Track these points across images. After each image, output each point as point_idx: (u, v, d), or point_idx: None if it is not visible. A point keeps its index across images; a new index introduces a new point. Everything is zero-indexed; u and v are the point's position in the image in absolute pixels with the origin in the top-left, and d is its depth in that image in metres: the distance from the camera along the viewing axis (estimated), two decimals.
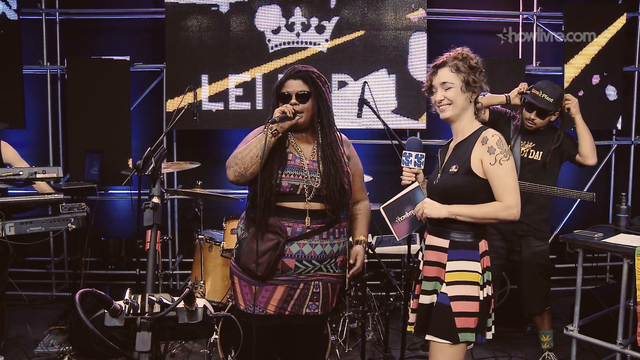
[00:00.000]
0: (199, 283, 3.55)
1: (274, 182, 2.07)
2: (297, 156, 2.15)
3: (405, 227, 2.26)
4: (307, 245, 2.12)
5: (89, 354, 3.30)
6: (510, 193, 2.04)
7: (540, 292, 3.25)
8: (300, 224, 2.10)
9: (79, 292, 1.29)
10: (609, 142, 5.05)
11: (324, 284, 2.19)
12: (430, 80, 2.17)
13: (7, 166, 3.46)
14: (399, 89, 4.70)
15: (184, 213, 4.90)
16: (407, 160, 2.24)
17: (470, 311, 2.05)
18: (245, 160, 2.06)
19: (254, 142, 2.07)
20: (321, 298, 2.19)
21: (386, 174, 4.48)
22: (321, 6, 4.68)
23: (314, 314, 2.19)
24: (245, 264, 2.11)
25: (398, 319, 3.97)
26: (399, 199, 2.24)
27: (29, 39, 4.72)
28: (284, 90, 2.16)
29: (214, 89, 4.71)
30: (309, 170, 2.13)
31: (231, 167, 2.09)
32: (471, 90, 2.12)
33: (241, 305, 2.18)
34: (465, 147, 2.12)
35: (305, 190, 2.10)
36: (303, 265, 2.13)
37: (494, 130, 2.13)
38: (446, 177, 2.13)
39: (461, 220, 2.07)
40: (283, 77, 2.20)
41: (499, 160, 2.04)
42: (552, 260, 4.31)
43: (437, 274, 2.13)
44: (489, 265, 2.15)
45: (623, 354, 2.88)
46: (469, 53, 2.15)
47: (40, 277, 4.94)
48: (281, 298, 2.13)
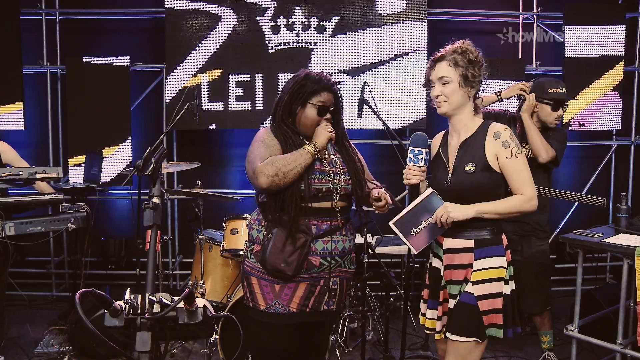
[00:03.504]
0: (199, 283, 3.55)
1: (304, 188, 2.09)
2: (316, 160, 2.17)
3: (423, 238, 2.10)
4: (331, 242, 2.15)
5: (89, 354, 3.30)
6: (528, 185, 2.04)
7: (540, 292, 3.24)
8: (325, 222, 2.14)
9: (79, 292, 1.29)
10: (609, 142, 5.05)
11: (341, 280, 2.23)
12: (429, 74, 2.15)
13: (7, 166, 3.46)
14: (399, 89, 4.70)
15: (184, 213, 4.90)
16: (417, 158, 2.11)
17: (496, 308, 2.03)
18: (289, 175, 2.04)
19: (299, 159, 2.07)
20: (337, 294, 2.23)
21: (386, 174, 4.48)
22: (321, 6, 4.68)
23: (330, 310, 2.23)
24: (274, 264, 2.09)
25: (398, 319, 3.97)
26: (413, 209, 2.09)
27: (29, 39, 4.72)
28: (321, 102, 2.18)
29: (214, 89, 4.71)
30: (332, 172, 2.17)
31: (269, 175, 2.03)
32: (469, 85, 2.08)
33: (261, 306, 2.15)
34: (476, 144, 2.08)
35: (332, 190, 2.14)
36: (327, 262, 2.16)
37: (500, 124, 2.11)
38: (463, 177, 2.07)
39: (487, 217, 2.03)
40: (317, 85, 2.18)
41: (515, 154, 2.03)
42: (552, 260, 4.31)
43: (465, 276, 2.08)
44: (510, 259, 2.12)
45: (623, 354, 2.88)
46: (470, 46, 2.11)
47: (40, 277, 4.93)
48: (303, 295, 2.14)
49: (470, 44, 2.12)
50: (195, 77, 4.68)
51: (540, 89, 3.16)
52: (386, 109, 4.66)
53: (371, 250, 3.63)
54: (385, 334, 3.44)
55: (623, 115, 4.88)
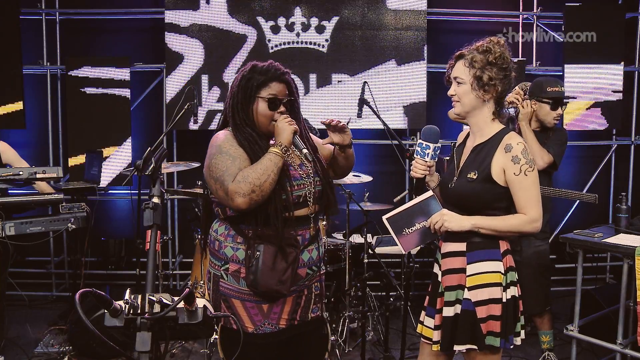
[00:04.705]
0: (199, 283, 3.55)
1: (286, 197, 1.94)
2: (289, 164, 2.02)
3: (414, 240, 2.05)
4: (314, 250, 2.07)
5: (89, 354, 3.29)
6: (533, 205, 1.93)
7: (540, 292, 3.24)
8: (307, 230, 2.04)
9: (79, 292, 1.28)
10: (609, 142, 5.05)
11: (320, 283, 2.17)
12: (449, 72, 2.05)
13: (7, 166, 3.46)
14: (398, 89, 4.70)
15: (184, 213, 4.90)
16: (424, 152, 2.03)
17: (494, 314, 1.95)
18: (264, 187, 1.85)
19: (269, 166, 1.87)
20: (320, 299, 2.16)
21: (386, 174, 4.49)
22: (321, 6, 4.68)
23: (317, 317, 2.16)
24: (269, 286, 1.90)
25: (398, 319, 3.97)
26: (409, 209, 2.03)
27: (29, 39, 4.72)
28: (270, 94, 1.98)
29: (213, 89, 4.71)
30: (305, 175, 2.04)
31: (246, 194, 1.83)
32: (483, 87, 1.94)
33: (249, 328, 1.98)
34: (486, 152, 1.99)
35: (308, 196, 2.02)
36: (312, 270, 2.08)
37: (518, 137, 1.98)
38: (463, 183, 2.00)
39: (483, 233, 1.95)
40: (264, 76, 1.98)
41: (524, 171, 1.91)
42: (552, 260, 4.31)
43: (459, 282, 2.00)
44: (513, 264, 2.03)
45: (623, 354, 2.88)
46: (495, 46, 1.95)
47: (40, 277, 4.93)
48: (291, 309, 2.04)
49: (500, 43, 1.97)
50: (196, 77, 4.67)
51: (538, 88, 3.15)
52: (386, 109, 4.66)
53: (371, 250, 3.63)
54: (385, 334, 3.44)
55: (623, 115, 4.88)
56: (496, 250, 1.99)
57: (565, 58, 4.73)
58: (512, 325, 1.99)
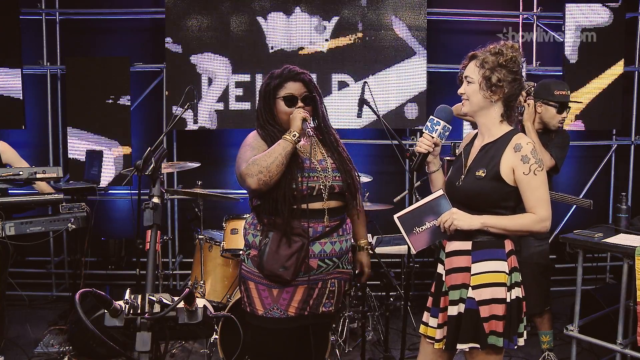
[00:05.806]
0: (199, 283, 3.55)
1: (296, 187, 2.06)
2: (305, 158, 2.14)
3: (424, 239, 2.07)
4: (328, 244, 2.14)
5: (89, 354, 3.30)
6: (542, 205, 1.94)
7: (540, 292, 3.24)
8: (320, 223, 2.12)
9: (79, 292, 1.29)
10: (609, 142, 5.05)
11: (339, 281, 2.22)
12: (461, 71, 2.08)
13: (7, 166, 3.46)
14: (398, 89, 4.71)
15: (184, 213, 4.90)
16: (433, 127, 2.05)
17: (497, 314, 1.95)
18: (272, 168, 2.00)
19: (277, 149, 2.03)
20: (335, 295, 2.21)
21: (386, 174, 4.49)
22: (321, 6, 4.68)
23: (329, 312, 2.21)
24: (272, 269, 2.07)
25: (398, 319, 3.97)
26: (419, 208, 2.05)
27: (29, 39, 4.72)
28: (287, 93, 2.15)
29: (213, 89, 4.71)
30: (322, 169, 2.15)
31: (254, 175, 2.01)
32: (490, 88, 1.97)
33: (259, 311, 2.13)
34: (495, 151, 2.00)
35: (322, 190, 2.12)
36: (325, 263, 2.14)
37: (527, 137, 2.00)
38: (471, 181, 2.02)
39: (493, 232, 1.96)
40: (279, 78, 2.16)
41: (533, 171, 1.93)
42: (552, 260, 4.31)
43: (463, 280, 2.01)
44: (517, 265, 2.05)
45: (623, 354, 2.88)
46: (508, 49, 1.97)
47: (40, 277, 4.93)
48: (301, 299, 2.13)
49: (513, 47, 1.99)
50: (196, 77, 4.66)
51: (546, 90, 3.13)
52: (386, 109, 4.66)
53: (371, 250, 3.62)
54: (385, 334, 3.44)
55: (623, 115, 4.88)
56: (501, 250, 2.01)
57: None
58: (516, 326, 2.00)
